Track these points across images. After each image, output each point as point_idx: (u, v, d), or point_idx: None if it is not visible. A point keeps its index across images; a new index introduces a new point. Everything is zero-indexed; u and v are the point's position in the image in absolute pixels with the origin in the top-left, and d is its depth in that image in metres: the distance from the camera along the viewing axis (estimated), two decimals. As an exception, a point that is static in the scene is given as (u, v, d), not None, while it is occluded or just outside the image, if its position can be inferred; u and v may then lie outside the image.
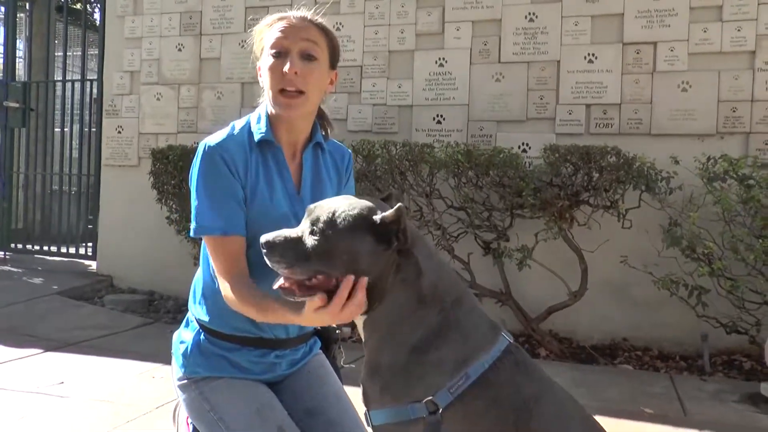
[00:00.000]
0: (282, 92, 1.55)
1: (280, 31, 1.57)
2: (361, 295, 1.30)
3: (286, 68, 1.53)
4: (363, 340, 1.42)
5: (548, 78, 4.72)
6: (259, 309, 1.45)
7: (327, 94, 1.69)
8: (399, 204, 1.30)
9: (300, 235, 1.34)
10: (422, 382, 1.34)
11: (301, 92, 1.56)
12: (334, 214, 1.33)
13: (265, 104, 1.64)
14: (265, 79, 1.59)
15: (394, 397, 1.36)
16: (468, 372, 1.33)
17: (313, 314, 1.31)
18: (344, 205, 1.35)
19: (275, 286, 1.35)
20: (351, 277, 1.29)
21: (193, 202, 1.57)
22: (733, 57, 4.37)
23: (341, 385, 1.78)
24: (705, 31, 4.40)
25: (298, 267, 1.32)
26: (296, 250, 1.32)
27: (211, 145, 1.57)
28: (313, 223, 1.33)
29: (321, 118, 1.73)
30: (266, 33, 1.61)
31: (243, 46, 5.43)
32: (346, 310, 1.29)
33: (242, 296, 1.48)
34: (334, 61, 1.65)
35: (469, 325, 1.40)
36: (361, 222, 1.32)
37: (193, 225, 1.57)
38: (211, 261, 1.58)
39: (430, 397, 1.32)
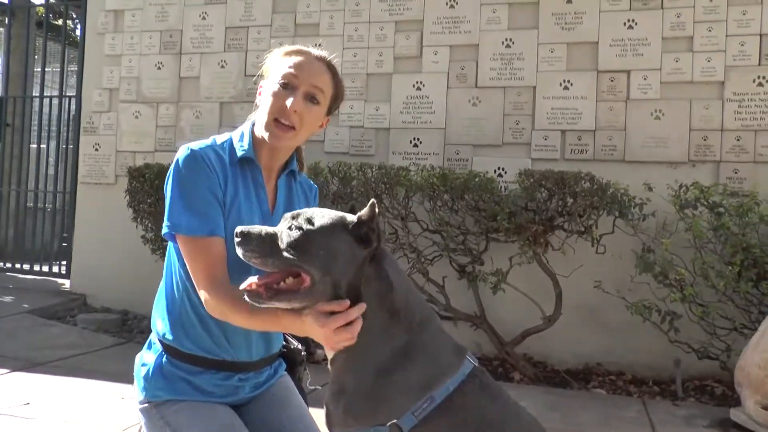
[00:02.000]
0: (276, 121, 1.58)
1: (295, 67, 1.59)
2: (357, 327, 1.32)
3: (288, 102, 1.57)
4: (329, 357, 1.42)
5: (524, 103, 4.77)
6: (249, 311, 1.41)
7: (313, 134, 1.72)
8: (372, 200, 1.34)
9: (277, 232, 1.37)
10: (387, 404, 1.34)
11: (293, 128, 1.59)
12: (313, 213, 1.39)
13: (252, 123, 1.67)
14: (264, 102, 1.61)
15: (358, 419, 1.35)
16: (433, 395, 1.33)
17: (311, 323, 1.33)
18: (323, 209, 1.43)
19: (242, 287, 1.35)
20: (363, 305, 1.33)
21: (170, 202, 1.55)
22: (703, 87, 4.46)
23: (306, 407, 1.77)
24: (677, 61, 4.49)
25: (272, 259, 1.34)
26: (272, 243, 1.35)
27: (195, 148, 1.58)
28: (293, 219, 1.38)
29: (297, 151, 1.76)
30: (281, 60, 1.63)
31: (223, 65, 5.45)
32: (341, 335, 1.31)
33: (231, 299, 1.45)
34: (332, 108, 1.69)
35: (435, 346, 1.40)
36: (339, 221, 1.38)
37: (167, 223, 1.54)
38: (188, 266, 1.54)
39: (395, 421, 1.32)
